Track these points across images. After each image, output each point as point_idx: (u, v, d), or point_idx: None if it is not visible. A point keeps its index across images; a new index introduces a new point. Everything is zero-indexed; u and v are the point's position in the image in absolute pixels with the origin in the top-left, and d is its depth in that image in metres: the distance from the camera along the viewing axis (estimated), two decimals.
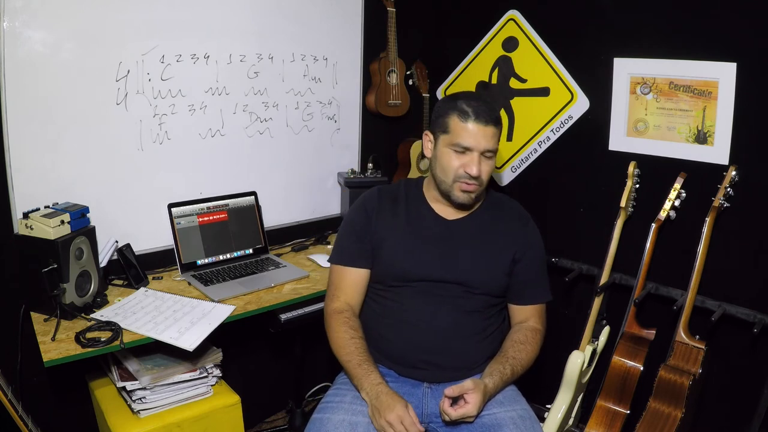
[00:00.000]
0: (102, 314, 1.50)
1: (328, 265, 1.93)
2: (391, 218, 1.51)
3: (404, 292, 1.45)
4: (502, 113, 2.27)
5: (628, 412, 1.76)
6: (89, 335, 1.38)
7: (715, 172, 1.67)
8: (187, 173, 1.90)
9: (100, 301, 1.58)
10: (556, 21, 2.08)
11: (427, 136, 1.51)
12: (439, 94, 2.50)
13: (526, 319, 1.51)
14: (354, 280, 1.51)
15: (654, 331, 1.80)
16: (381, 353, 1.47)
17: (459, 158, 1.40)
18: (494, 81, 2.30)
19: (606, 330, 1.91)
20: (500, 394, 1.38)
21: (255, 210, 2.01)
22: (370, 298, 1.54)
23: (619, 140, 1.95)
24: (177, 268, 1.82)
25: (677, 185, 1.75)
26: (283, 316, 1.71)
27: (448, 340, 1.42)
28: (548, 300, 1.54)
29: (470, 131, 1.37)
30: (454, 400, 1.29)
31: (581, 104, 2.05)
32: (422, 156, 2.40)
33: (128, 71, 1.70)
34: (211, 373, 1.62)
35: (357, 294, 1.52)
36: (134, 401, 1.50)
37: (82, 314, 1.48)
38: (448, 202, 1.48)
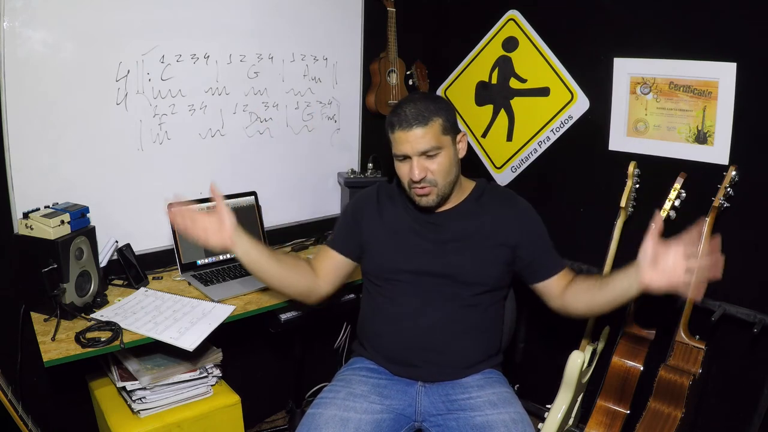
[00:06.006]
0: (102, 314, 1.50)
1: None
2: (385, 214, 1.52)
3: (395, 287, 1.46)
4: (502, 113, 2.28)
5: (628, 412, 1.76)
6: (89, 335, 1.38)
7: (715, 172, 1.67)
8: (187, 173, 1.90)
9: (100, 301, 1.58)
10: (556, 21, 2.08)
11: None
12: (439, 94, 2.50)
13: (565, 284, 1.45)
14: (330, 260, 1.53)
15: (654, 331, 1.80)
16: (375, 350, 1.48)
17: (403, 166, 1.41)
18: (494, 81, 2.30)
19: (606, 330, 1.91)
20: (494, 395, 1.37)
21: (255, 210, 2.01)
22: (365, 294, 1.55)
23: (619, 140, 1.95)
24: (177, 268, 1.82)
25: (677, 185, 1.75)
26: (283, 316, 1.71)
27: (441, 335, 1.42)
28: (565, 266, 1.49)
29: (399, 140, 1.37)
30: None
31: (581, 104, 2.05)
32: None
33: (128, 71, 1.70)
34: (211, 373, 1.62)
35: (326, 271, 1.52)
36: (134, 401, 1.50)
37: (82, 314, 1.48)
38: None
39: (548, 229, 1.53)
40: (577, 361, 1.76)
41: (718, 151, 1.72)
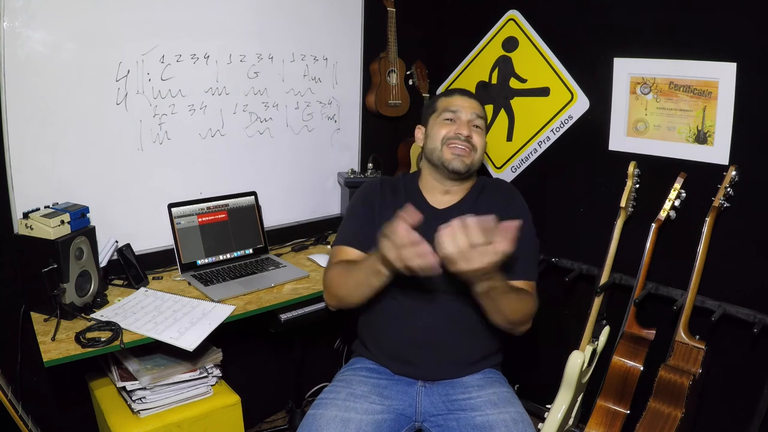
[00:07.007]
0: (102, 314, 1.50)
1: None
2: (389, 209, 1.51)
3: (396, 285, 1.45)
4: (502, 113, 2.28)
5: (628, 412, 1.76)
6: (89, 335, 1.38)
7: (715, 172, 1.67)
8: (187, 173, 1.90)
9: (100, 301, 1.58)
10: (556, 21, 2.08)
11: (419, 129, 1.61)
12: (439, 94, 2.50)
13: None
14: (351, 256, 1.49)
15: (654, 331, 1.80)
16: (376, 348, 1.48)
17: (448, 126, 1.51)
18: (494, 81, 2.30)
19: (606, 330, 1.91)
20: (494, 395, 1.38)
21: (255, 210, 2.01)
22: None
23: (619, 140, 1.95)
24: (177, 268, 1.82)
25: (677, 185, 1.75)
26: (283, 316, 1.71)
27: (441, 333, 1.41)
28: (530, 279, 1.44)
29: (456, 101, 1.53)
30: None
31: (581, 104, 2.05)
32: (422, 156, 2.40)
33: (128, 71, 1.70)
34: (211, 373, 1.62)
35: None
36: (134, 401, 1.50)
37: (82, 314, 1.48)
38: (442, 173, 1.50)
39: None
40: (577, 361, 1.76)
41: (718, 151, 1.72)
